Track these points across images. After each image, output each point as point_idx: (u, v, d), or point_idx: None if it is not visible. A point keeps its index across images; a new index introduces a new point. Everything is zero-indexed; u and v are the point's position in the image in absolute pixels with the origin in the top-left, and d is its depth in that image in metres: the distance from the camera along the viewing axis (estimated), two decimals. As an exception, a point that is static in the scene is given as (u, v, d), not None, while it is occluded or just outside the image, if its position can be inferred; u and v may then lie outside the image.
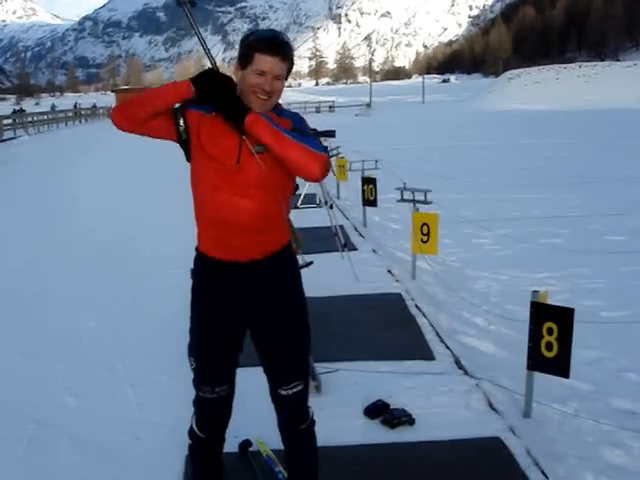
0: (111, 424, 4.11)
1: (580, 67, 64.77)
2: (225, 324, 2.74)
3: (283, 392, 2.79)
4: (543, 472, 3.43)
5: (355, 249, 8.40)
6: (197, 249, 2.76)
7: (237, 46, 2.67)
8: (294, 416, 2.87)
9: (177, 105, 2.58)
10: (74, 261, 8.29)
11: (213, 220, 2.62)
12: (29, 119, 40.74)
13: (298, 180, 2.74)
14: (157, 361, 5.00)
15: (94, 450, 3.80)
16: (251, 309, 2.72)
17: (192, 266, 2.80)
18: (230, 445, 3.31)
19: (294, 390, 2.79)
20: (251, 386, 3.74)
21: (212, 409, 2.87)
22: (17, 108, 64.23)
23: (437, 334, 5.46)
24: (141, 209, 11.86)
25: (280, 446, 3.09)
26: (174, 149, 2.76)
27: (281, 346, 2.76)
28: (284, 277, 2.77)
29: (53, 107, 62.33)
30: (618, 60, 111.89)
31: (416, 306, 6.16)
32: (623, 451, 3.72)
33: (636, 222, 9.82)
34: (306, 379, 2.88)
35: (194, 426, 2.92)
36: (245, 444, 3.60)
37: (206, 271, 2.73)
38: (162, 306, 6.21)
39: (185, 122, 2.59)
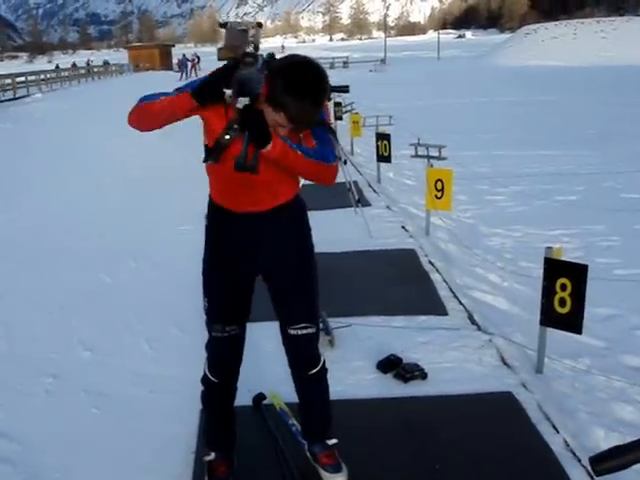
0: (126, 378, 4.16)
1: (598, 22, 63.35)
2: (236, 266, 2.78)
3: (292, 332, 2.84)
4: (554, 426, 3.45)
5: (369, 205, 8.38)
6: (210, 196, 2.79)
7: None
8: (303, 357, 2.92)
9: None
10: (86, 220, 8.32)
11: (226, 180, 2.62)
12: (42, 77, 40.52)
13: None
14: (172, 316, 5.04)
15: (109, 403, 3.86)
16: (263, 253, 2.76)
17: (206, 211, 2.84)
18: (244, 398, 3.36)
19: (303, 332, 2.83)
20: (264, 340, 3.78)
21: (224, 348, 2.90)
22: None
23: (450, 290, 5.46)
24: (151, 169, 11.82)
25: (294, 399, 3.14)
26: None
27: (292, 287, 2.81)
28: (294, 223, 2.80)
29: (106, 62, 61.61)
30: (638, 15, 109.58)
31: (430, 262, 6.15)
32: (634, 407, 3.73)
33: (652, 179, 9.71)
34: (317, 324, 2.91)
35: (206, 371, 2.96)
36: (259, 397, 3.64)
37: (218, 218, 2.77)
38: (176, 262, 6.23)
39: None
